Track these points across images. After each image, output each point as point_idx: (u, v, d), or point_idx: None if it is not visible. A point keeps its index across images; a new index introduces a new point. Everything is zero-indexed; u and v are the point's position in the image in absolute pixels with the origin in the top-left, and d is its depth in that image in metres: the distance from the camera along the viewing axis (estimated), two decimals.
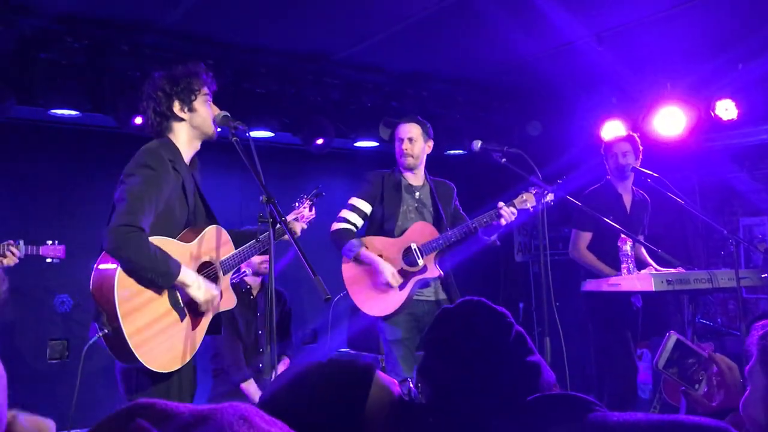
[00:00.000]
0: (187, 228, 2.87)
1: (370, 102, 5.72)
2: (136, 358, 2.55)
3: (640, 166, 4.57)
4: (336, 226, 3.99)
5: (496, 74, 5.83)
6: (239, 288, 4.76)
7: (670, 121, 5.76)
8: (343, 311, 5.40)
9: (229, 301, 3.02)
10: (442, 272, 3.92)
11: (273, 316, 2.46)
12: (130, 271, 2.57)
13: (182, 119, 2.90)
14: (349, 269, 3.95)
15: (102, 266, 2.62)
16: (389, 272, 3.83)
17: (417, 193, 4.08)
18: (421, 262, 3.86)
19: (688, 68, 5.57)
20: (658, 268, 4.40)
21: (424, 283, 3.93)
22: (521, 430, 1.22)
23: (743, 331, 4.02)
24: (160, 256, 2.61)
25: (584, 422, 1.15)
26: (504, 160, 3.70)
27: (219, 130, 2.98)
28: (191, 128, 2.92)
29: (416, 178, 4.11)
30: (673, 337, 1.89)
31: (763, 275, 4.35)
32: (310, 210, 3.47)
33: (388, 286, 3.83)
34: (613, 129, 5.86)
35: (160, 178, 2.71)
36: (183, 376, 2.79)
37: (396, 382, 1.29)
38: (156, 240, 2.65)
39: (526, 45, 5.07)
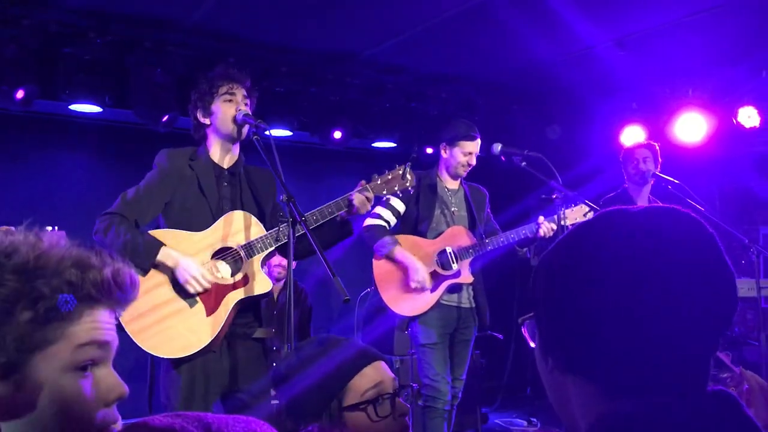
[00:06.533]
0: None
1: (389, 102, 5.71)
2: (138, 344, 2.60)
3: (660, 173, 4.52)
4: (369, 221, 3.90)
5: (515, 77, 5.80)
6: None
7: (691, 127, 5.71)
8: (355, 312, 5.40)
9: (261, 285, 2.85)
10: (472, 277, 3.93)
11: (292, 315, 2.45)
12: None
13: (206, 125, 2.91)
14: (380, 266, 3.89)
15: None
16: (423, 273, 3.77)
17: (452, 197, 4.05)
18: (455, 266, 3.85)
19: (710, 74, 5.51)
20: None
21: (455, 288, 3.92)
22: None
23: (763, 341, 3.97)
24: (132, 236, 2.68)
25: None
26: (524, 164, 3.68)
27: (239, 128, 2.83)
28: (214, 133, 2.91)
29: (453, 182, 4.07)
30: None
31: None
32: (403, 178, 3.04)
33: (421, 287, 3.78)
34: (632, 135, 5.81)
35: (161, 174, 2.82)
36: (207, 366, 2.74)
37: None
38: (155, 232, 2.75)
39: (546, 49, 5.04)
